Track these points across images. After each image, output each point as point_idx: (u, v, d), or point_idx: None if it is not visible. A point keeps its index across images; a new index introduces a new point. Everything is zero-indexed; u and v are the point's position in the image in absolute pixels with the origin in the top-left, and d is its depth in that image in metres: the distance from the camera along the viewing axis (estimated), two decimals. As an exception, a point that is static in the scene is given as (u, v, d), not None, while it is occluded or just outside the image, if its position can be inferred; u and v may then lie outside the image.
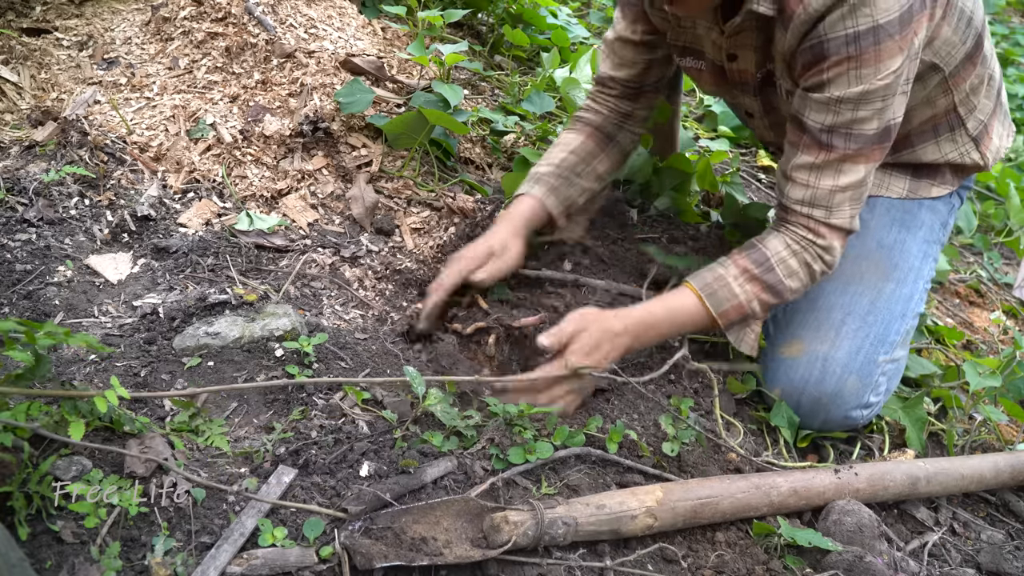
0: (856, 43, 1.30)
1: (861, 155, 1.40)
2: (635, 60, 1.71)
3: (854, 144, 1.39)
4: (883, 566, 1.25)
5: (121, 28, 2.20)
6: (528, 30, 2.76)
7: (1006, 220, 2.80)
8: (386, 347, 1.47)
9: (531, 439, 1.30)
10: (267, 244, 1.65)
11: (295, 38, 2.08)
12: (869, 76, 1.32)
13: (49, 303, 1.40)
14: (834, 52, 1.32)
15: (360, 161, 1.93)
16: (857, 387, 1.55)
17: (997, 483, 1.60)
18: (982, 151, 1.67)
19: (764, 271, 1.47)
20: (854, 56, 1.31)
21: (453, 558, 1.07)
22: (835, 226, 1.45)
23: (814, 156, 1.42)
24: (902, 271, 1.63)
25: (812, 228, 1.46)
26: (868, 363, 1.55)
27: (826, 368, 1.55)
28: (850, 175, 1.42)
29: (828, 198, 1.43)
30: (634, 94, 1.76)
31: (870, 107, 1.35)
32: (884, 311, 1.59)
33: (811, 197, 1.44)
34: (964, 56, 1.54)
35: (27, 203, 1.59)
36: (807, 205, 1.45)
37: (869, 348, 1.56)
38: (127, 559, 1.02)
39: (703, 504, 1.26)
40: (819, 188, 1.43)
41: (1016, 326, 2.37)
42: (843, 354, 1.55)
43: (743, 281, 1.47)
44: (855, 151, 1.40)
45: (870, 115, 1.36)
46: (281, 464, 1.17)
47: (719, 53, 1.55)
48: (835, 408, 1.55)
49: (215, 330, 1.36)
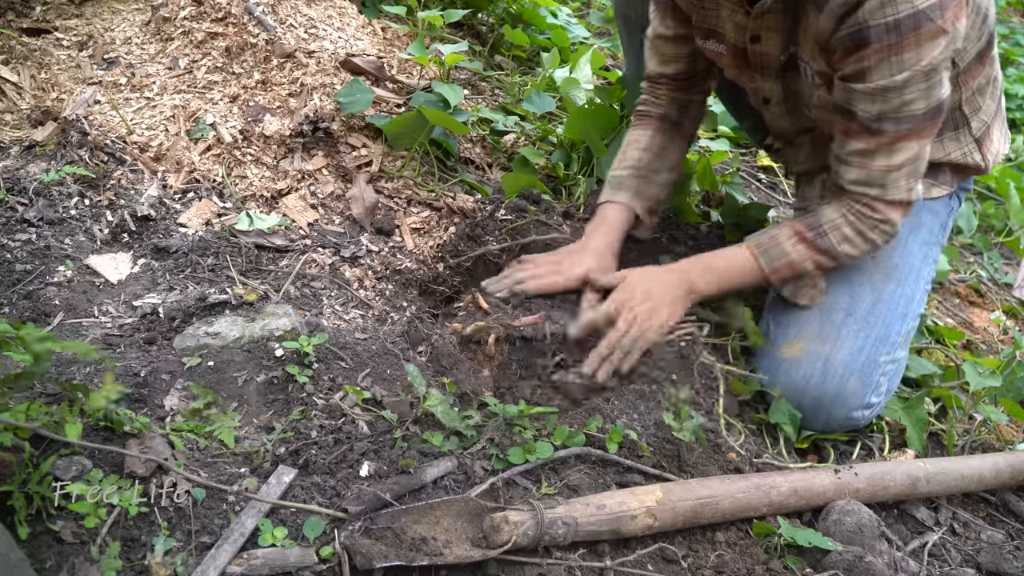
0: (897, 30, 1.29)
1: (912, 134, 1.41)
2: (677, 54, 1.71)
3: (905, 126, 1.39)
4: (883, 566, 1.25)
5: (121, 28, 2.20)
6: (528, 30, 2.77)
7: (1006, 220, 2.80)
8: (386, 347, 1.47)
9: (531, 439, 1.30)
10: (267, 244, 1.65)
11: (295, 38, 2.08)
12: (912, 61, 1.32)
13: (49, 303, 1.40)
14: (875, 40, 1.31)
15: (360, 161, 1.93)
16: (858, 388, 1.55)
17: (997, 483, 1.60)
18: (983, 152, 1.67)
19: (816, 236, 1.52)
20: (895, 43, 1.30)
21: (453, 558, 1.07)
22: (891, 201, 1.47)
23: (865, 143, 1.43)
24: (903, 272, 1.63)
25: (868, 204, 1.49)
26: (869, 364, 1.55)
27: (827, 368, 1.55)
28: (903, 153, 1.43)
29: (883, 177, 1.45)
30: (687, 85, 1.77)
31: (916, 90, 1.35)
32: (885, 311, 1.59)
33: (866, 177, 1.46)
34: (976, 54, 1.54)
35: (27, 203, 1.59)
36: (862, 185, 1.47)
37: (871, 349, 1.56)
38: (127, 559, 1.02)
39: (703, 504, 1.26)
40: (873, 169, 1.45)
41: (1016, 326, 2.37)
42: (844, 354, 1.55)
43: (795, 242, 1.53)
44: (906, 131, 1.40)
45: (917, 97, 1.36)
46: (281, 464, 1.17)
47: (742, 35, 1.54)
48: (837, 409, 1.55)
49: (215, 330, 1.36)
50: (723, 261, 1.58)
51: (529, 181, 1.93)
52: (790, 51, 1.51)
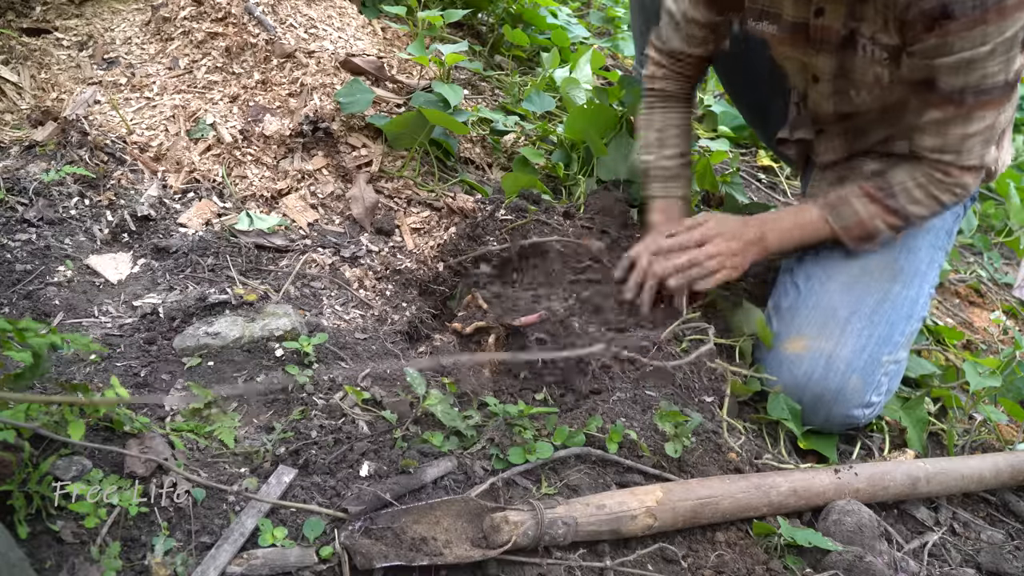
0: (983, 3, 1.31)
1: (991, 104, 1.43)
2: (706, 38, 1.74)
3: (984, 97, 1.42)
4: (883, 566, 1.25)
5: (121, 28, 2.20)
6: (528, 30, 2.77)
7: (1006, 220, 2.80)
8: (386, 347, 1.47)
9: (531, 439, 1.30)
10: (267, 244, 1.65)
11: (295, 38, 2.08)
12: (994, 34, 1.33)
13: (49, 303, 1.40)
14: (960, 13, 1.32)
15: (360, 161, 1.93)
16: (860, 386, 1.54)
17: (997, 483, 1.60)
18: (994, 157, 1.68)
19: (886, 195, 1.56)
20: (980, 16, 1.32)
21: (453, 558, 1.07)
22: (966, 166, 1.51)
23: (943, 112, 1.46)
24: (908, 274, 1.64)
25: (943, 170, 1.52)
26: (872, 362, 1.55)
27: (830, 365, 1.55)
28: (980, 122, 1.45)
29: (959, 144, 1.48)
30: (707, 64, 1.82)
31: (997, 62, 1.37)
32: (890, 311, 1.59)
33: (942, 145, 1.49)
34: None
35: (27, 203, 1.59)
36: (938, 152, 1.51)
37: (874, 347, 1.56)
38: (127, 559, 1.02)
39: (703, 504, 1.26)
40: (949, 136, 1.48)
41: (1016, 326, 2.37)
42: (848, 352, 1.55)
43: (867, 202, 1.57)
44: (985, 101, 1.43)
45: (999, 69, 1.38)
46: (281, 464, 1.17)
47: (804, 9, 1.53)
48: (837, 406, 1.55)
49: (215, 330, 1.36)
50: (795, 220, 1.64)
51: (529, 181, 1.93)
52: (851, 26, 1.51)
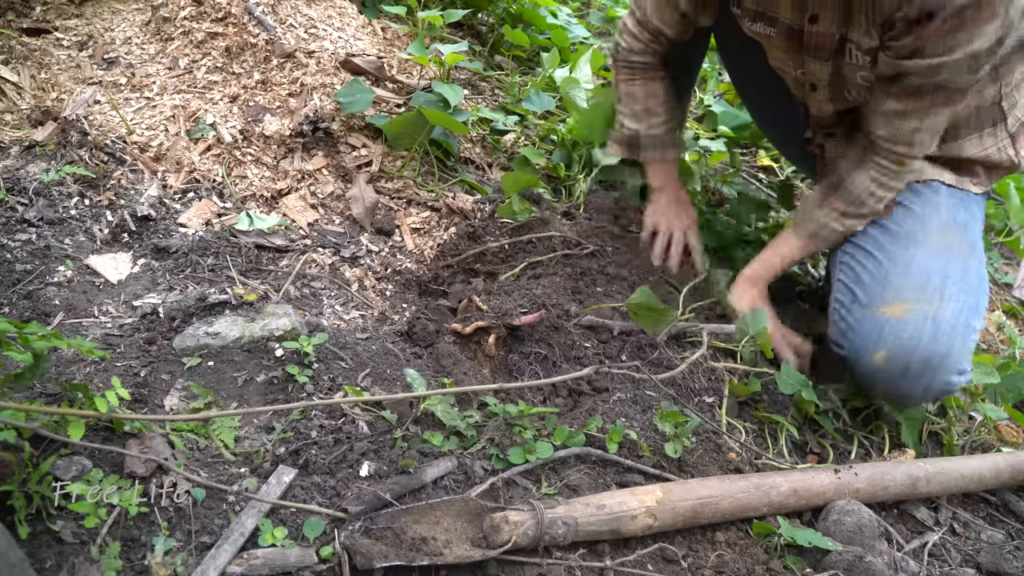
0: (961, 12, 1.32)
1: (950, 102, 1.47)
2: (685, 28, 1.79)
3: (942, 95, 1.45)
4: (883, 566, 1.25)
5: (121, 28, 2.20)
6: (528, 30, 2.76)
7: (1006, 220, 2.79)
8: (386, 347, 1.47)
9: (531, 439, 1.30)
10: (267, 244, 1.65)
11: (295, 38, 2.08)
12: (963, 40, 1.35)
13: (49, 303, 1.40)
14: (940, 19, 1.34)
15: (360, 161, 1.93)
16: (961, 349, 1.52)
17: (997, 483, 1.60)
18: (1017, 148, 1.69)
19: (856, 207, 1.65)
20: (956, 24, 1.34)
21: (453, 558, 1.07)
22: (917, 156, 1.59)
23: (903, 104, 1.49)
24: (979, 250, 1.67)
25: (896, 160, 1.58)
26: (967, 327, 1.54)
27: (937, 326, 1.51)
28: (936, 117, 1.50)
29: (910, 137, 1.53)
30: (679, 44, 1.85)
31: (964, 68, 1.39)
32: (973, 281, 1.60)
33: (894, 136, 1.55)
34: (1016, 45, 1.55)
35: (27, 203, 1.59)
36: (890, 142, 1.56)
37: (967, 312, 1.55)
38: (127, 559, 1.02)
39: (703, 504, 1.26)
40: (902, 129, 1.53)
41: (1016, 326, 2.37)
42: (950, 313, 1.53)
43: (842, 219, 1.68)
44: (943, 100, 1.46)
45: (963, 74, 1.41)
46: (281, 464, 1.17)
47: (799, 16, 1.54)
48: (943, 370, 1.52)
49: (215, 330, 1.36)
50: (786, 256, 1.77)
51: (529, 180, 1.93)
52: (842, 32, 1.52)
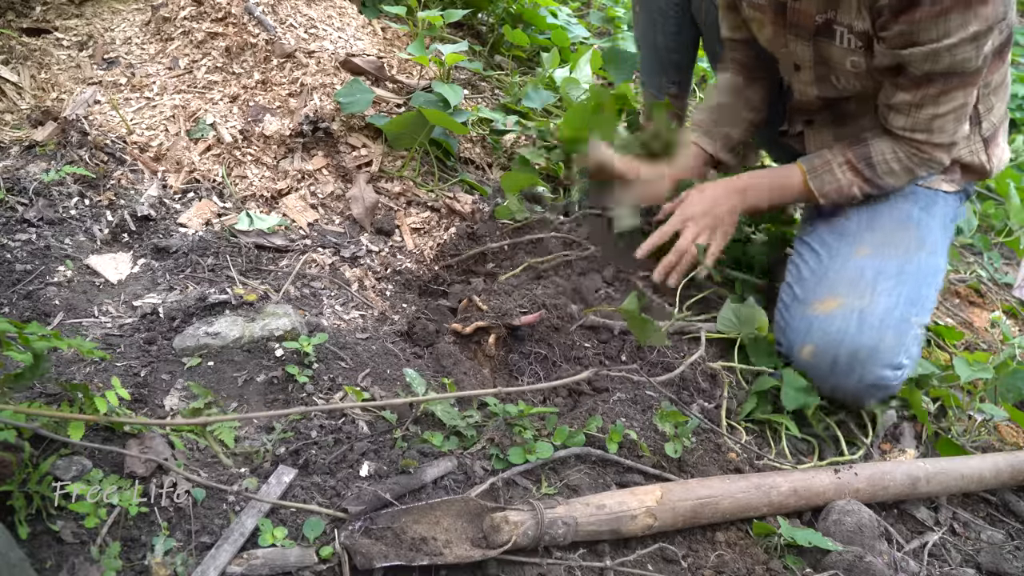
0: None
1: (960, 86, 1.46)
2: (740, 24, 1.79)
3: (954, 80, 1.45)
4: (883, 566, 1.25)
5: (121, 28, 2.20)
6: (528, 30, 2.76)
7: (1006, 220, 2.79)
8: (386, 347, 1.47)
9: (531, 439, 1.30)
10: (267, 244, 1.65)
11: (295, 38, 2.08)
12: (957, 24, 1.35)
13: (49, 303, 1.40)
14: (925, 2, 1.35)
15: (360, 161, 1.93)
16: (893, 343, 1.53)
17: (997, 483, 1.60)
18: (988, 154, 1.69)
19: (865, 166, 1.62)
20: (947, 7, 1.34)
21: (453, 558, 1.07)
22: (939, 144, 1.55)
23: (912, 95, 1.49)
24: (930, 244, 1.66)
25: (917, 147, 1.57)
26: (903, 321, 1.55)
27: (863, 320, 1.53)
28: (951, 103, 1.49)
29: (928, 123, 1.52)
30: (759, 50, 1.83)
31: (967, 49, 1.38)
32: (916, 274, 1.60)
33: (913, 124, 1.53)
34: (998, 46, 1.55)
35: (27, 203, 1.59)
36: (909, 131, 1.55)
37: (904, 306, 1.56)
38: (127, 559, 1.02)
39: (703, 504, 1.26)
40: (920, 117, 1.52)
41: (1016, 326, 2.37)
42: (880, 308, 1.54)
43: (847, 170, 1.64)
44: (955, 84, 1.45)
45: (967, 56, 1.40)
46: (281, 464, 1.17)
47: None
48: (871, 364, 1.52)
49: (215, 330, 1.36)
50: (778, 181, 1.72)
51: (529, 180, 1.93)
52: (828, 15, 1.53)
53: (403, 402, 1.24)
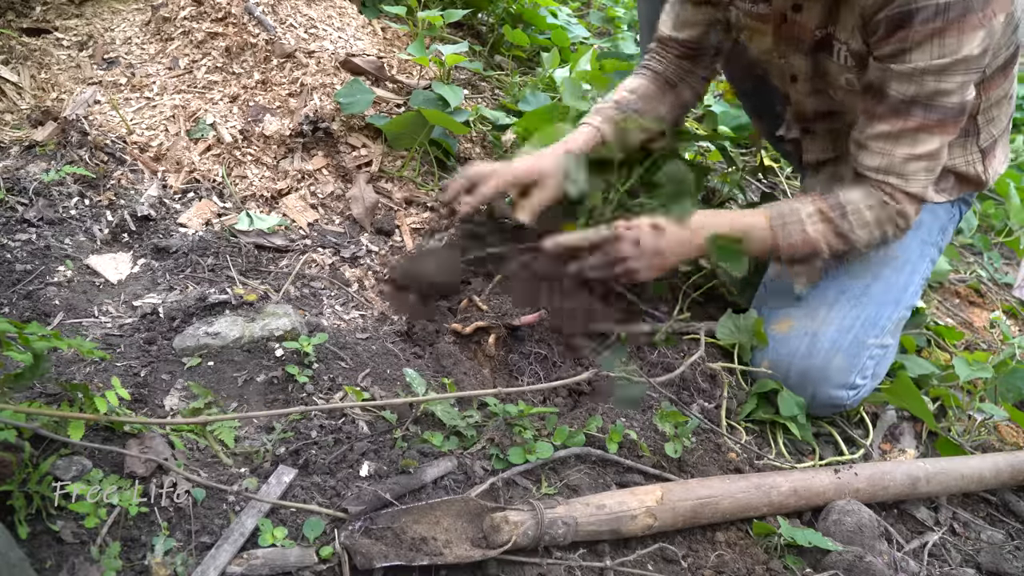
0: (945, 13, 1.30)
1: (940, 126, 1.41)
2: (695, 21, 1.72)
3: (934, 115, 1.40)
4: (883, 566, 1.25)
5: (121, 28, 2.20)
6: (528, 30, 2.76)
7: (1006, 220, 2.79)
8: (386, 347, 1.47)
9: (531, 439, 1.30)
10: (267, 244, 1.65)
11: (295, 38, 2.08)
12: (952, 47, 1.33)
13: (49, 303, 1.40)
14: (920, 21, 1.32)
15: (360, 161, 1.93)
16: (844, 366, 1.55)
17: (997, 483, 1.60)
18: (986, 165, 1.69)
19: (838, 216, 1.49)
20: (940, 27, 1.32)
21: (453, 558, 1.07)
22: (910, 194, 1.47)
23: (891, 125, 1.43)
24: (899, 262, 1.65)
25: (888, 193, 1.48)
26: (857, 343, 1.56)
27: (814, 343, 1.56)
28: (926, 145, 1.43)
29: (903, 166, 1.45)
30: (694, 55, 1.77)
31: (952, 80, 1.36)
32: (878, 295, 1.61)
33: (887, 165, 1.46)
34: (1002, 62, 1.55)
35: (27, 203, 1.59)
36: (882, 172, 1.47)
37: (859, 329, 1.57)
38: (127, 559, 1.02)
39: (703, 504, 1.26)
40: (895, 156, 1.45)
41: (1016, 326, 2.37)
42: (832, 331, 1.56)
43: (816, 220, 1.50)
44: (935, 122, 1.40)
45: (952, 88, 1.37)
46: (281, 464, 1.17)
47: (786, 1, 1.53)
48: (822, 385, 1.56)
49: (215, 330, 1.36)
50: (739, 224, 1.53)
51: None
52: (827, 29, 1.51)
53: (402, 402, 1.24)
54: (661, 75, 1.78)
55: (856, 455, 1.60)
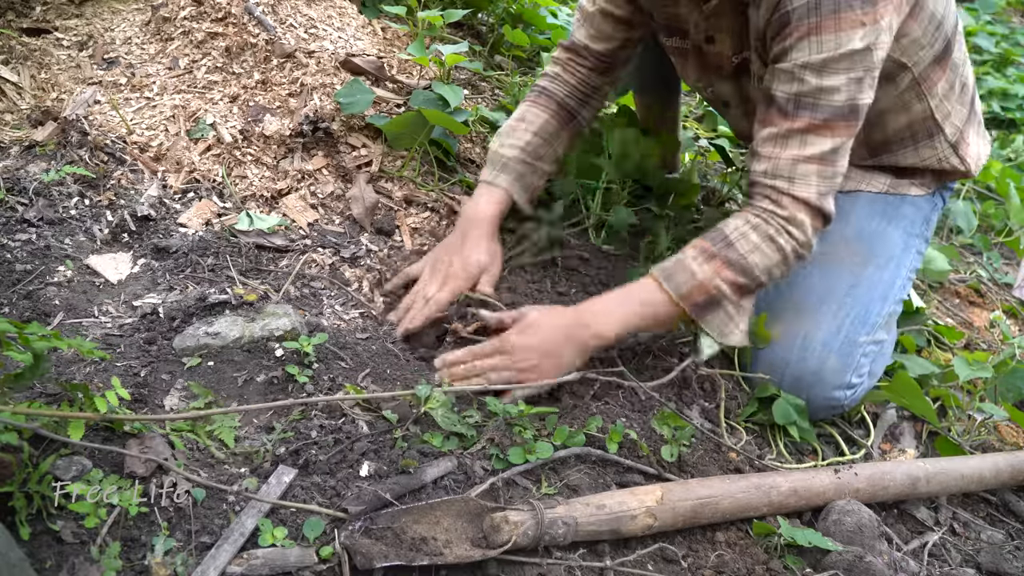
0: (817, 11, 1.32)
1: (827, 127, 1.38)
2: (613, 35, 1.70)
3: (820, 115, 1.37)
4: (883, 566, 1.25)
5: (121, 28, 2.20)
6: (528, 30, 2.76)
7: (1006, 220, 2.79)
8: (386, 347, 1.47)
9: (531, 439, 1.30)
10: (267, 244, 1.65)
11: (295, 38, 2.08)
12: (830, 44, 1.34)
13: (49, 303, 1.40)
14: (796, 19, 1.34)
15: (360, 161, 1.93)
16: (838, 366, 1.55)
17: (997, 483, 1.61)
18: (962, 156, 1.70)
19: (723, 247, 1.40)
20: (815, 24, 1.33)
21: (453, 558, 1.07)
22: (798, 198, 1.39)
23: (778, 126, 1.40)
24: (883, 258, 1.65)
25: (774, 199, 1.41)
26: (848, 343, 1.56)
27: (806, 346, 1.56)
28: (815, 146, 1.38)
29: (791, 168, 1.39)
30: (605, 67, 1.75)
31: (834, 78, 1.36)
32: (864, 293, 1.61)
33: (773, 168, 1.41)
34: (932, 59, 1.56)
35: (27, 203, 1.59)
36: (769, 176, 1.41)
37: (849, 328, 1.57)
38: (127, 559, 1.02)
39: (703, 504, 1.26)
40: (781, 158, 1.40)
41: (1016, 326, 2.37)
42: (823, 333, 1.56)
43: (702, 261, 1.41)
44: (821, 121, 1.37)
45: (836, 86, 1.36)
46: (281, 464, 1.17)
47: (699, 34, 1.56)
48: (817, 388, 1.56)
49: (215, 330, 1.36)
50: (625, 296, 1.43)
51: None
52: (743, 55, 1.53)
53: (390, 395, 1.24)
54: (563, 104, 1.74)
55: (857, 455, 1.60)
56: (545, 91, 1.76)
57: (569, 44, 1.76)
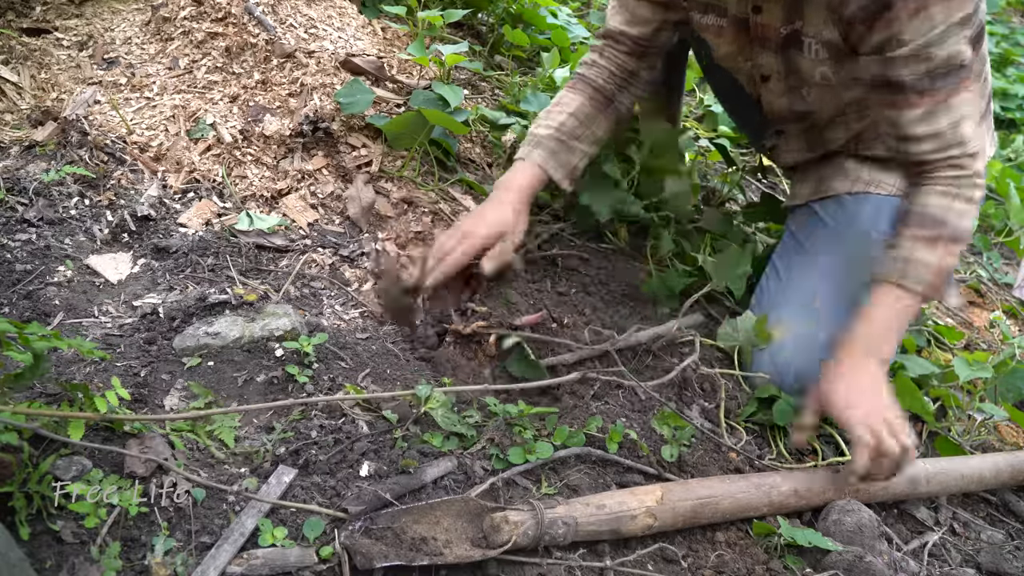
0: None
1: (963, 86, 1.40)
2: (650, 19, 1.68)
3: (954, 79, 1.39)
4: (883, 566, 1.25)
5: (121, 28, 2.20)
6: (528, 30, 2.76)
7: (1006, 220, 2.79)
8: (386, 347, 1.47)
9: (531, 439, 1.30)
10: (267, 244, 1.65)
11: (295, 38, 2.08)
12: (940, 16, 1.32)
13: (49, 303, 1.40)
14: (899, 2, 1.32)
15: (360, 161, 1.93)
16: None
17: (997, 483, 1.61)
18: None
19: (941, 228, 1.44)
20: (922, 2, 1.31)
21: (453, 558, 1.07)
22: (972, 154, 1.45)
23: (923, 106, 1.41)
24: None
25: (954, 164, 1.44)
26: None
27: (811, 346, 1.56)
28: (961, 107, 1.41)
29: (954, 134, 1.42)
30: (642, 52, 1.73)
31: (955, 44, 1.35)
32: None
33: (940, 143, 1.43)
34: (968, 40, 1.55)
35: (27, 203, 1.59)
36: (941, 151, 1.44)
37: None
38: (127, 559, 1.02)
39: (703, 504, 1.26)
40: (941, 131, 1.42)
41: (1016, 326, 2.37)
42: (825, 334, 1.56)
43: (930, 248, 1.44)
44: (957, 84, 1.39)
45: (959, 50, 1.36)
46: (281, 464, 1.17)
47: (744, 5, 1.53)
48: None
49: (215, 330, 1.36)
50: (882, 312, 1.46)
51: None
52: (793, 25, 1.50)
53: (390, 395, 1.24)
54: (601, 90, 1.73)
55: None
56: (583, 77, 1.75)
57: (604, 32, 1.75)
